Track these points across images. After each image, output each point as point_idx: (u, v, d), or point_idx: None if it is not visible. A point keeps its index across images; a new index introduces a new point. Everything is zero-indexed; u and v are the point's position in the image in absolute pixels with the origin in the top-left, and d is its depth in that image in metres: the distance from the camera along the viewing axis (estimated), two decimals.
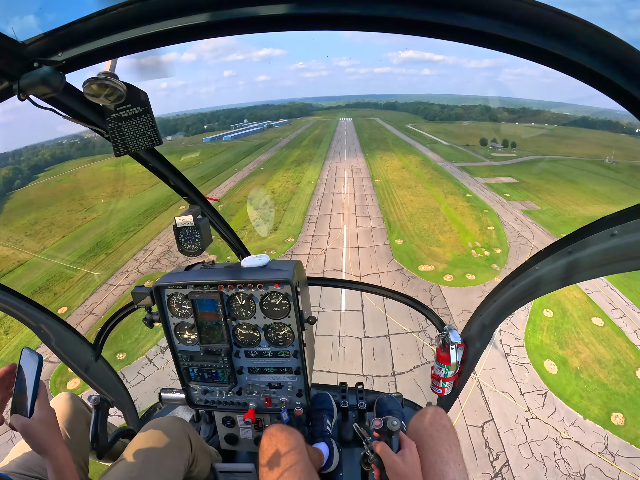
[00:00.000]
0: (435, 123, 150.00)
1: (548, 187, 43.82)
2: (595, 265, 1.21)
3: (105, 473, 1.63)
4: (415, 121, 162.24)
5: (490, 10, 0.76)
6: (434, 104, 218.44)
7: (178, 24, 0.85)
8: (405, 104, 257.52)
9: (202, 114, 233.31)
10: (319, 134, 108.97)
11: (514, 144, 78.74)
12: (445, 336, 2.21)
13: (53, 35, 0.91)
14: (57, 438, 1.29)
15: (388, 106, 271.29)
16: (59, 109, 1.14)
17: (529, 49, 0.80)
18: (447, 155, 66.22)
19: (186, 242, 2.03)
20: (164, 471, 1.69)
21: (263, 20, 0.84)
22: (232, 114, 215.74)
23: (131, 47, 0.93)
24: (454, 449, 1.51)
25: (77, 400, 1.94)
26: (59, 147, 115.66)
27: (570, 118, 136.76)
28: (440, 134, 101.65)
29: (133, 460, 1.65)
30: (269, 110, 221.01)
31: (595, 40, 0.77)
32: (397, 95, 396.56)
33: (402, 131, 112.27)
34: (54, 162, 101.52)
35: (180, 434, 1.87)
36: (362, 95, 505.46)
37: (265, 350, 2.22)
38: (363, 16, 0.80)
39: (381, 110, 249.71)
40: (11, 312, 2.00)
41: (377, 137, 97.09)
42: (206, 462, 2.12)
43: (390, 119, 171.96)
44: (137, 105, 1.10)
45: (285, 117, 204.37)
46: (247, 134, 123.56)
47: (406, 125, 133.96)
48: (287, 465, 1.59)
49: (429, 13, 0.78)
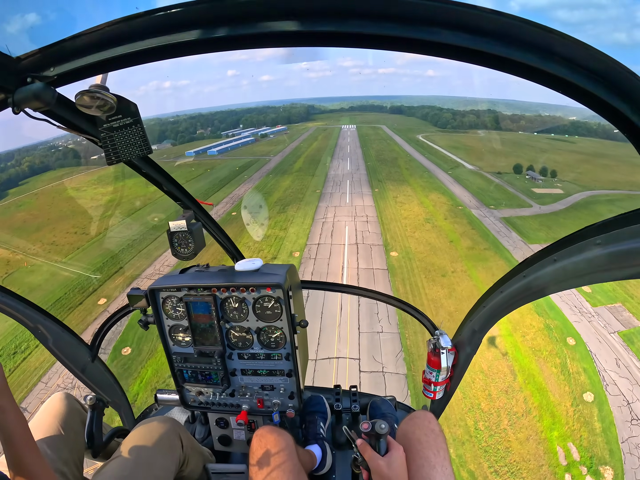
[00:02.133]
0: (449, 133, 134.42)
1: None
2: (580, 274, 1.20)
3: (98, 471, 1.65)
4: (425, 129, 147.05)
5: (463, 25, 0.77)
6: (442, 109, 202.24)
7: (164, 42, 0.88)
8: (412, 107, 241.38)
9: (201, 115, 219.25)
10: (317, 150, 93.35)
11: (554, 172, 63.56)
12: (436, 341, 2.24)
13: (45, 51, 0.94)
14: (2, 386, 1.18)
15: (394, 110, 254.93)
16: (53, 119, 1.17)
17: (503, 61, 0.81)
18: (480, 192, 50.87)
19: (179, 246, 2.05)
20: (155, 470, 1.71)
21: (255, 37, 0.85)
22: (228, 118, 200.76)
23: (119, 63, 0.96)
24: (442, 453, 1.52)
25: (72, 399, 1.96)
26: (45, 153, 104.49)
27: (589, 126, 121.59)
28: (459, 151, 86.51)
29: (125, 459, 1.67)
30: (266, 115, 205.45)
31: (574, 53, 0.77)
32: (402, 97, 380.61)
33: (413, 145, 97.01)
34: (31, 173, 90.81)
35: (171, 433, 1.88)
36: (366, 96, 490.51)
37: (258, 353, 2.25)
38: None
39: (387, 115, 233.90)
40: (9, 313, 2.04)
41: (386, 155, 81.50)
42: (198, 462, 2.14)
43: (397, 126, 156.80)
44: (128, 115, 1.13)
45: (284, 123, 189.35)
46: (236, 146, 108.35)
47: (417, 136, 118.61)
48: (276, 466, 1.62)
49: (399, 29, 0.78)
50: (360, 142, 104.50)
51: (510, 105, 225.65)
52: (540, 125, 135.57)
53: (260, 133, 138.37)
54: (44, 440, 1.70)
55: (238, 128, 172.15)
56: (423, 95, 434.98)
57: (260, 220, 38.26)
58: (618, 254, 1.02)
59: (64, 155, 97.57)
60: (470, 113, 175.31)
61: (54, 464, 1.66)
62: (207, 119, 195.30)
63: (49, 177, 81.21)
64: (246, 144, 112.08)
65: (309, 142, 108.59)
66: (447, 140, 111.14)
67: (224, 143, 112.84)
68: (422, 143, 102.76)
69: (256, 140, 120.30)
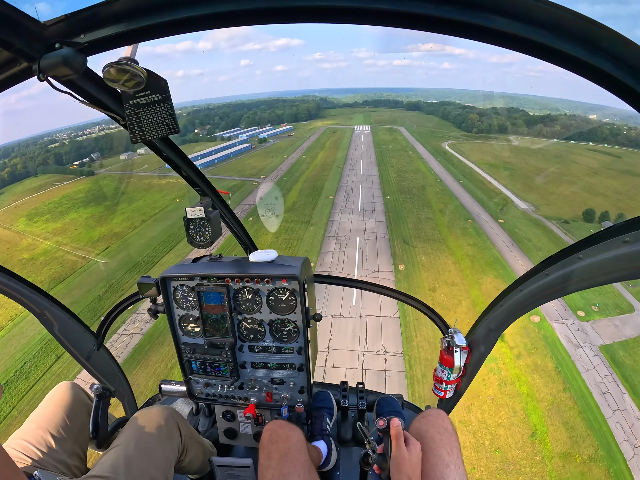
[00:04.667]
0: (477, 141, 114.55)
1: None
2: (605, 272, 1.20)
3: (97, 461, 1.63)
4: (449, 134, 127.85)
5: (516, 12, 0.76)
6: (464, 107, 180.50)
7: (201, 11, 0.85)
8: (430, 104, 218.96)
9: (208, 108, 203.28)
10: (321, 168, 75.26)
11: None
12: (450, 339, 2.17)
13: (75, 17, 0.89)
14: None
15: (411, 106, 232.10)
16: (77, 93, 1.13)
17: (551, 52, 0.80)
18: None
19: (196, 233, 2.00)
20: (154, 459, 1.70)
21: (293, 10, 0.82)
22: (231, 113, 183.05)
23: (154, 32, 0.92)
24: (455, 451, 1.51)
25: (78, 389, 1.94)
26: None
27: (632, 137, 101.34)
28: (499, 172, 68.21)
29: (124, 448, 1.65)
30: (272, 111, 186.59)
31: (617, 47, 0.76)
32: (417, 90, 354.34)
33: (440, 160, 78.66)
34: (12, 179, 79.21)
35: (169, 422, 1.86)
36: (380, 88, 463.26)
37: (269, 346, 2.21)
38: (390, 10, 0.79)
39: (403, 112, 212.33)
40: (15, 298, 2.02)
41: (410, 179, 63.19)
42: (197, 453, 2.12)
43: (417, 128, 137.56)
44: (157, 92, 1.08)
45: (291, 121, 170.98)
46: (227, 157, 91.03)
47: (442, 145, 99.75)
48: (288, 461, 1.59)
49: (455, 12, 0.77)
50: (376, 153, 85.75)
51: (529, 100, 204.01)
52: (575, 129, 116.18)
53: (260, 136, 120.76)
54: (48, 430, 1.68)
55: (238, 128, 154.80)
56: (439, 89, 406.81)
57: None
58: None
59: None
60: (495, 112, 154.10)
61: (58, 454, 1.65)
62: (209, 115, 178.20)
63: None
64: (239, 154, 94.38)
65: (314, 153, 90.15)
66: (479, 152, 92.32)
67: (214, 151, 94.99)
68: (451, 157, 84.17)
69: (252, 147, 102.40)
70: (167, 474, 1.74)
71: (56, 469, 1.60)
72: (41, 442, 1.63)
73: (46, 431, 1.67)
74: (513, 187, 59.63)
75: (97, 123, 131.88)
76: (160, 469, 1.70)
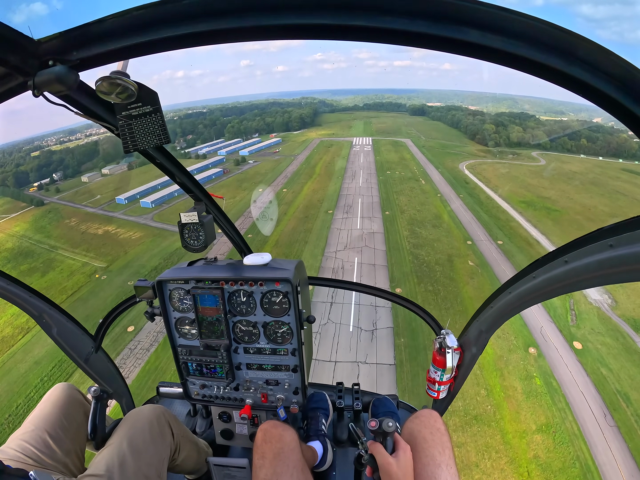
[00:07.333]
0: (500, 161, 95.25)
1: None
2: (590, 276, 1.21)
3: (93, 461, 1.66)
4: (463, 147, 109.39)
5: (489, 25, 0.78)
6: (474, 112, 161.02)
7: (184, 30, 0.88)
8: (436, 109, 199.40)
9: (198, 112, 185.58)
10: (303, 212, 55.96)
11: None
12: (442, 340, 2.22)
13: (68, 35, 0.92)
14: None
15: (414, 111, 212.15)
16: (71, 105, 1.17)
17: (528, 63, 0.81)
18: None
19: (190, 238, 2.04)
20: (147, 457, 1.72)
21: (279, 28, 0.85)
22: (218, 121, 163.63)
23: (144, 49, 0.95)
24: (447, 452, 1.53)
25: (75, 390, 1.96)
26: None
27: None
28: (542, 219, 49.71)
29: (118, 447, 1.68)
30: (262, 118, 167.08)
31: (594, 56, 0.78)
32: (419, 91, 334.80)
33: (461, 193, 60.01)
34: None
35: (160, 420, 1.89)
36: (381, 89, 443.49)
37: (264, 347, 2.25)
38: (367, 27, 0.81)
39: (407, 117, 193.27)
40: (14, 301, 2.04)
41: (429, 246, 43.78)
42: (191, 452, 2.13)
43: (425, 141, 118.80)
44: (148, 104, 1.12)
45: (283, 129, 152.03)
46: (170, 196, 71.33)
47: (460, 167, 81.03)
48: (281, 461, 1.61)
49: (429, 26, 0.79)
50: (379, 186, 66.45)
51: (533, 102, 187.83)
52: (602, 142, 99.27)
53: (241, 152, 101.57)
54: (46, 431, 1.69)
55: (221, 139, 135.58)
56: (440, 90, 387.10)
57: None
58: (630, 256, 1.01)
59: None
60: (509, 120, 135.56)
61: (56, 454, 1.66)
62: (194, 123, 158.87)
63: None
64: (205, 182, 75.09)
65: (299, 183, 70.89)
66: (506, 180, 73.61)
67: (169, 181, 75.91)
68: (474, 188, 65.28)
69: (224, 173, 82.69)
70: (160, 472, 1.76)
71: (55, 469, 1.63)
72: (40, 442, 1.64)
73: (44, 431, 1.68)
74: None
75: (91, 125, 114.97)
76: (154, 466, 1.73)
